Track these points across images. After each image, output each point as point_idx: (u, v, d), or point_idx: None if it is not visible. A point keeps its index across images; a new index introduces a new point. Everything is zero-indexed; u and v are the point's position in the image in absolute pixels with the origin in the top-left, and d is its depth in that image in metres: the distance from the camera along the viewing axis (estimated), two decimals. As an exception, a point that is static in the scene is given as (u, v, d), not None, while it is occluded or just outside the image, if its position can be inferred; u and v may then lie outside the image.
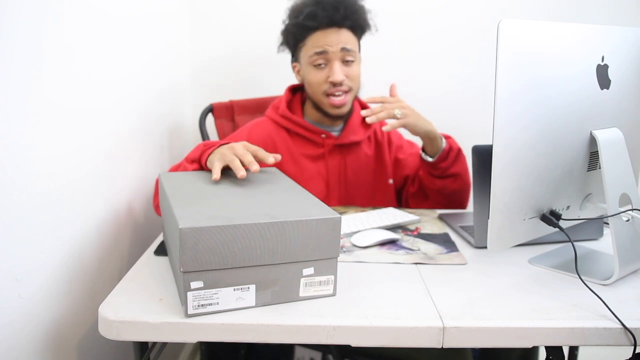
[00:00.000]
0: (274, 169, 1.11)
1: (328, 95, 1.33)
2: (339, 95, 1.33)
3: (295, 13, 1.34)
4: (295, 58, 1.41)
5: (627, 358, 0.77)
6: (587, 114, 0.89)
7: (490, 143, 0.80)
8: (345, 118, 1.41)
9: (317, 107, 1.38)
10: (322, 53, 1.30)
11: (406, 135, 1.48)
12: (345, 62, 1.32)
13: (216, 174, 0.98)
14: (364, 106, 1.45)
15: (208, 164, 1.06)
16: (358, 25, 1.34)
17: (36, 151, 0.86)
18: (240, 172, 0.95)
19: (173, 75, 1.66)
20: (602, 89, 0.90)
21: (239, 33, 1.83)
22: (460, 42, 1.80)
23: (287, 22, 1.37)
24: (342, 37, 1.30)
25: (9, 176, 0.79)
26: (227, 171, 1.05)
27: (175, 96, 1.68)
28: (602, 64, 0.90)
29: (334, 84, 1.31)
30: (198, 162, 1.10)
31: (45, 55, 0.88)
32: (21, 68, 0.81)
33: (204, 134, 1.61)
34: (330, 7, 1.29)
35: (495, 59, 0.76)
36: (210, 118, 1.62)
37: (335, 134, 1.42)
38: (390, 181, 1.46)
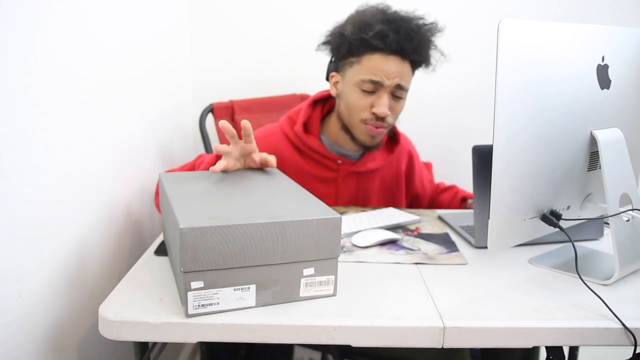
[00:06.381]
0: (274, 169, 1.11)
1: (366, 123, 1.23)
2: (378, 127, 1.23)
3: (362, 25, 1.18)
4: (337, 67, 1.27)
5: (627, 358, 0.77)
6: (587, 114, 0.89)
7: (490, 143, 0.80)
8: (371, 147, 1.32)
9: (347, 129, 1.27)
10: (376, 83, 1.19)
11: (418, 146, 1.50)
12: (394, 97, 1.22)
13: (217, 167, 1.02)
14: (393, 129, 1.39)
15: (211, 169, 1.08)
16: (421, 61, 1.24)
17: (36, 151, 0.86)
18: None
19: (173, 75, 1.66)
20: (602, 89, 0.90)
21: (239, 33, 1.83)
22: (461, 42, 1.80)
23: (348, 29, 1.21)
24: (402, 71, 1.19)
25: (9, 176, 0.79)
26: (227, 172, 1.06)
27: (175, 96, 1.68)
28: (602, 64, 0.90)
29: (377, 117, 1.21)
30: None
31: (46, 56, 0.88)
32: (23, 68, 0.81)
33: (204, 134, 1.61)
34: (404, 33, 1.17)
35: (496, 59, 0.76)
36: (210, 118, 1.62)
37: (353, 157, 1.34)
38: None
